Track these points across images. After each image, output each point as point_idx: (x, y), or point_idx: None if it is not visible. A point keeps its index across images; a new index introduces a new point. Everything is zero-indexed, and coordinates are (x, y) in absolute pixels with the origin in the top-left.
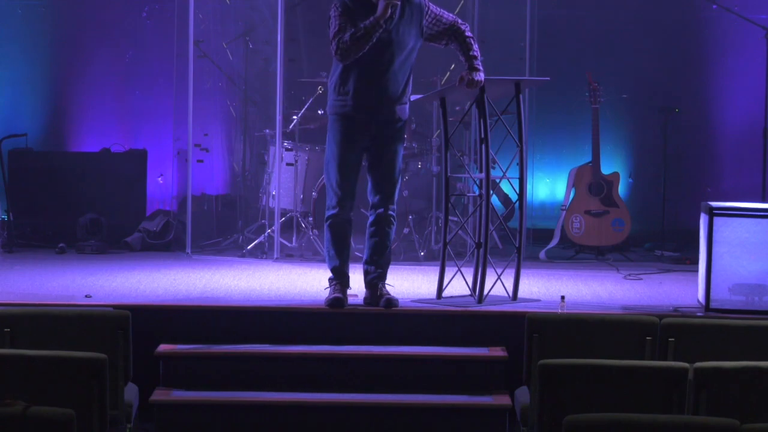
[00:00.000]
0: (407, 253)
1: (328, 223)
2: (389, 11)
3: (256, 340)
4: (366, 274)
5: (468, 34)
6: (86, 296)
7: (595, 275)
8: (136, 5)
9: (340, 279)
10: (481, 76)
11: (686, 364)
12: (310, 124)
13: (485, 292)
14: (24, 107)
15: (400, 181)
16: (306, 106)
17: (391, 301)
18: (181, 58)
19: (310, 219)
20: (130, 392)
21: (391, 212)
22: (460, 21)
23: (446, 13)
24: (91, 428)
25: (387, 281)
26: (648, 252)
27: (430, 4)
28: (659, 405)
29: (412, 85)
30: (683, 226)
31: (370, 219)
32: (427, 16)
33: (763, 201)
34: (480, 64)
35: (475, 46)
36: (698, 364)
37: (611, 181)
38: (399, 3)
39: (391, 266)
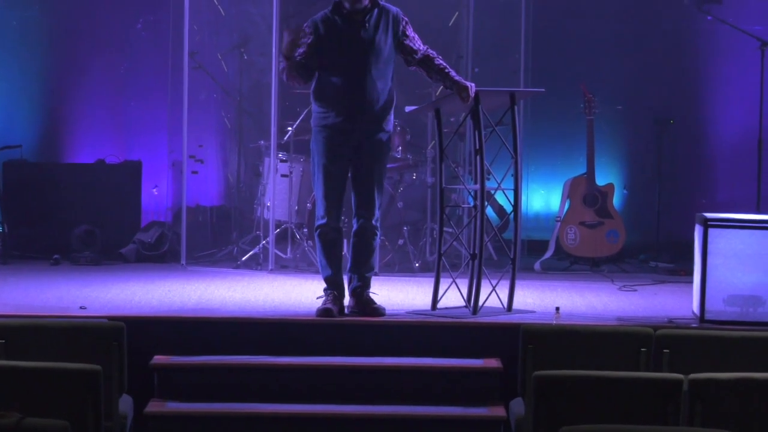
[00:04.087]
0: (402, 264)
1: (317, 233)
2: (291, 49)
3: (251, 351)
4: (349, 282)
5: (440, 60)
6: (81, 307)
7: (589, 286)
8: (131, 16)
9: (334, 288)
10: (472, 87)
11: (681, 376)
12: (304, 136)
13: (480, 303)
14: (19, 118)
15: (384, 192)
16: (301, 118)
17: (377, 310)
18: (176, 69)
19: (305, 230)
20: (125, 404)
21: (374, 222)
22: (431, 51)
23: (418, 38)
24: None
25: (373, 289)
26: (643, 263)
27: (407, 21)
28: (654, 416)
29: (395, 94)
30: (678, 237)
31: (354, 229)
32: (403, 30)
33: (758, 212)
34: (462, 79)
35: (449, 67)
36: (693, 376)
37: (606, 192)
38: (308, 40)
39: (385, 277)
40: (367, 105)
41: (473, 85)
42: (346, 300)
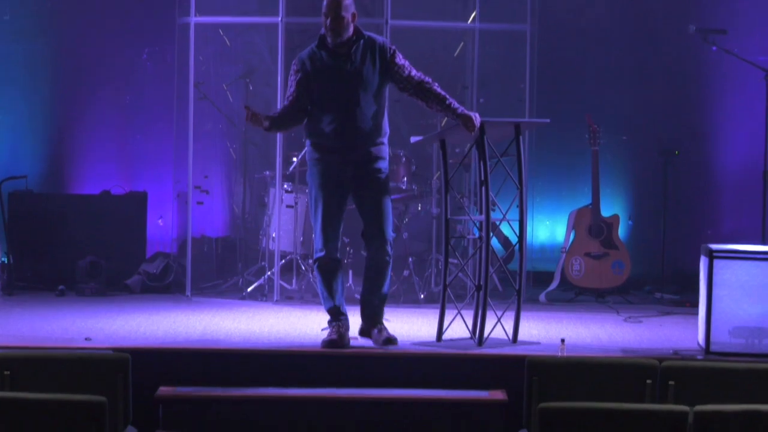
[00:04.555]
0: (407, 295)
1: (316, 265)
2: (256, 123)
3: (256, 382)
4: (362, 309)
5: (438, 89)
6: (86, 339)
7: (595, 318)
8: (136, 48)
9: (337, 319)
10: (476, 117)
11: (686, 408)
12: None
13: (485, 334)
14: (24, 150)
15: (390, 221)
16: (306, 149)
17: (390, 340)
18: (181, 100)
19: (310, 261)
20: None
21: (384, 252)
22: (427, 78)
23: (413, 68)
24: None
25: (384, 316)
26: (648, 294)
27: (397, 50)
28: None
29: (387, 123)
30: (683, 268)
31: (366, 258)
32: (391, 58)
33: (764, 243)
34: (465, 110)
35: (449, 97)
36: (698, 408)
37: (611, 223)
38: (266, 125)
39: (391, 308)
40: (358, 136)
41: (477, 115)
42: (355, 329)
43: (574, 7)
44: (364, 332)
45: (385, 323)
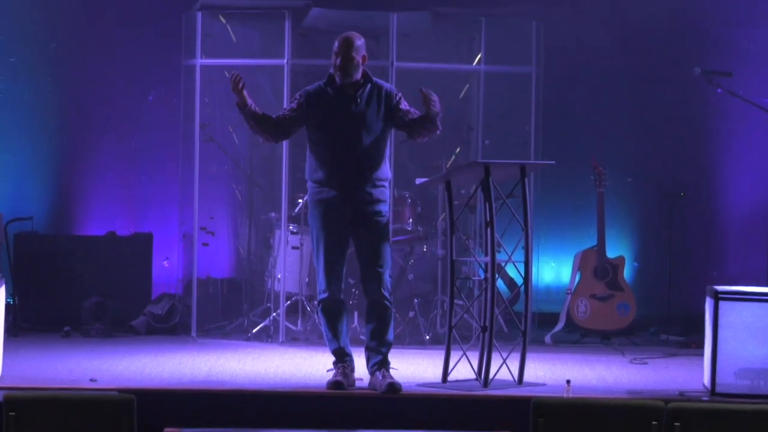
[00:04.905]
0: (412, 336)
1: (319, 307)
2: (238, 97)
3: (261, 424)
4: (367, 360)
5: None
6: (91, 380)
7: (600, 359)
8: (142, 89)
9: (342, 360)
10: (433, 96)
11: None
12: None
13: (491, 375)
14: (30, 191)
15: (387, 265)
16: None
17: (394, 386)
18: (187, 141)
19: (315, 302)
20: None
21: (381, 296)
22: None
23: (414, 111)
24: None
25: (391, 365)
26: (653, 336)
27: (402, 97)
28: None
29: (389, 168)
30: (689, 310)
31: (366, 303)
32: (396, 104)
33: None
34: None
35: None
36: None
37: (616, 264)
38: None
39: (396, 349)
40: (358, 177)
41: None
42: (366, 375)
43: (579, 49)
44: (372, 382)
45: (392, 371)
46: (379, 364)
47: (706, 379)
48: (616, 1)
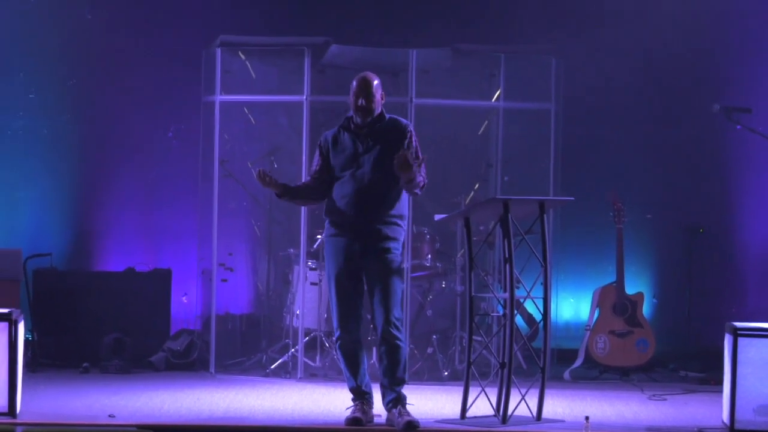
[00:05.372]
0: (431, 372)
1: (336, 345)
2: (270, 187)
3: None
4: (382, 397)
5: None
6: (110, 416)
7: (619, 395)
8: (161, 125)
9: (360, 398)
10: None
11: None
12: None
13: (509, 412)
14: (48, 226)
15: (397, 302)
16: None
17: (412, 424)
18: (206, 177)
19: (334, 338)
20: None
21: (389, 335)
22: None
23: (418, 150)
24: None
25: (408, 401)
26: (672, 372)
27: (413, 133)
28: None
29: (406, 206)
30: (708, 346)
31: (377, 345)
32: (408, 143)
33: None
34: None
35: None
36: None
37: (635, 301)
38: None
39: (414, 385)
40: (370, 216)
41: (416, 165)
42: (378, 408)
43: (597, 85)
44: (389, 419)
45: (408, 408)
46: (394, 401)
47: (725, 416)
48: (636, 38)
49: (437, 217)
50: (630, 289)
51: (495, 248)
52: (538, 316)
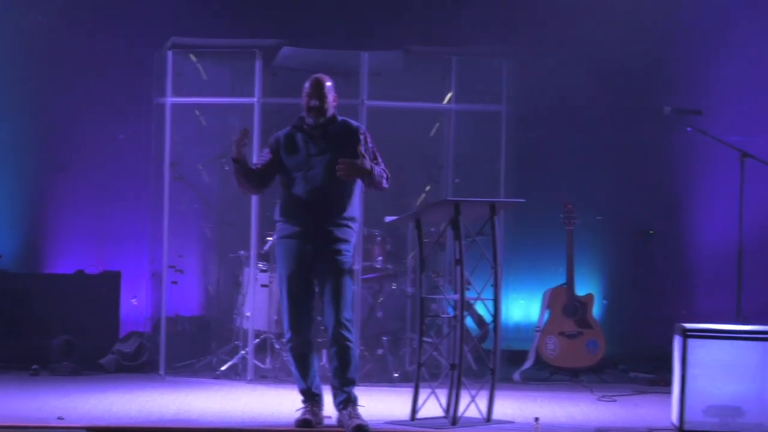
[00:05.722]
0: (382, 373)
1: (287, 347)
2: (236, 151)
3: None
4: (333, 397)
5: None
6: (59, 418)
7: (569, 396)
8: (113, 127)
9: (310, 400)
10: (365, 164)
11: None
12: None
13: (459, 413)
14: (0, 229)
15: (348, 303)
16: None
17: (361, 427)
18: (158, 179)
19: (284, 340)
20: None
21: (340, 336)
22: (384, 175)
23: (377, 154)
24: None
25: (359, 402)
26: (622, 373)
27: (367, 136)
28: None
29: (357, 208)
30: (657, 347)
31: (327, 345)
32: (363, 143)
33: (738, 322)
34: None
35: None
36: None
37: (585, 302)
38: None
39: (365, 387)
40: (322, 218)
41: (366, 165)
42: (329, 410)
43: (549, 88)
44: (339, 420)
45: (359, 409)
46: (344, 402)
47: (675, 417)
48: (587, 41)
49: (388, 218)
50: (580, 291)
51: (446, 250)
52: (488, 318)
